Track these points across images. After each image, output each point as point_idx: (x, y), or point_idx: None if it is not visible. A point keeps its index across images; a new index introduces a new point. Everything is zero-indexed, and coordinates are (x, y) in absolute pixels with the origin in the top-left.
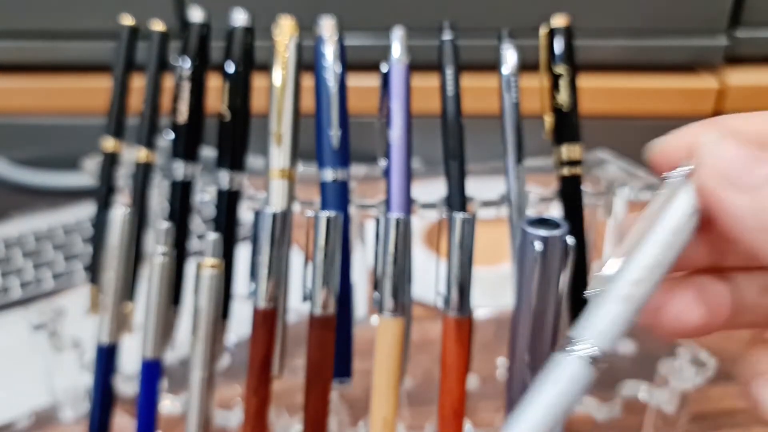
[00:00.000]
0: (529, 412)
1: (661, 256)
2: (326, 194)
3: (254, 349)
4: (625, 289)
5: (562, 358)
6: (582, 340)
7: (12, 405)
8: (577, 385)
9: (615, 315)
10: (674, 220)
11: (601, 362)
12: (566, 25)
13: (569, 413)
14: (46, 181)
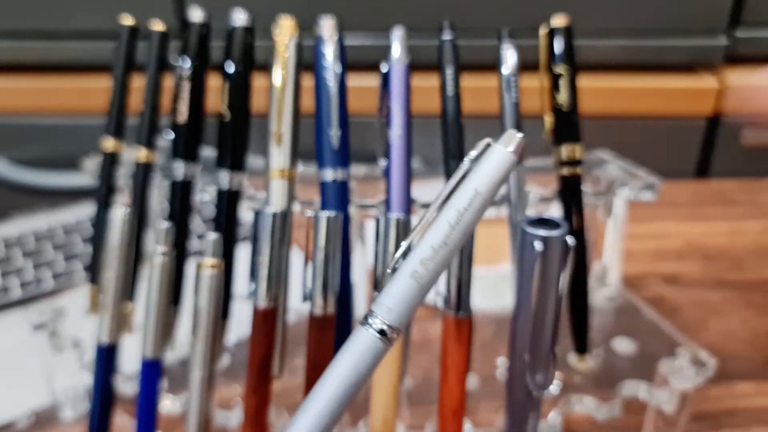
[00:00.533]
0: (326, 381)
1: (449, 236)
2: (326, 194)
3: (254, 349)
4: (414, 267)
5: (358, 332)
6: (374, 315)
7: (12, 405)
8: (369, 356)
9: (404, 291)
10: (463, 199)
11: (391, 336)
12: (566, 25)
13: (363, 382)
14: (47, 181)
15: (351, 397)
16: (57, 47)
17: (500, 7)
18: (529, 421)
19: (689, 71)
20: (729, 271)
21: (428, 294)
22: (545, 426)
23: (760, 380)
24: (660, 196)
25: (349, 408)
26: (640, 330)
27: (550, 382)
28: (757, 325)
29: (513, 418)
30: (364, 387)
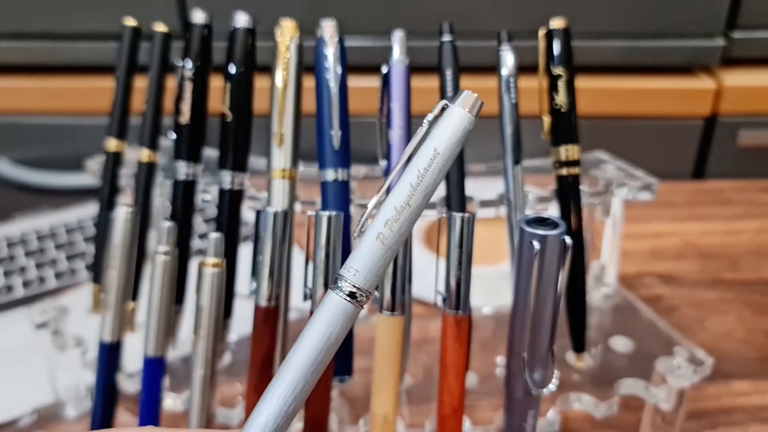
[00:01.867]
0: (299, 347)
1: (411, 197)
2: (327, 194)
3: (256, 348)
4: (379, 229)
5: (328, 296)
6: (343, 279)
7: (15, 402)
8: (340, 320)
9: (371, 253)
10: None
11: (360, 298)
12: (564, 27)
13: (336, 346)
14: (49, 181)
15: (324, 362)
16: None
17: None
18: (527, 419)
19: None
20: (726, 271)
21: (394, 256)
22: (544, 424)
23: (756, 379)
24: (657, 196)
25: (350, 406)
26: (637, 329)
27: (548, 380)
28: (754, 324)
29: (512, 416)
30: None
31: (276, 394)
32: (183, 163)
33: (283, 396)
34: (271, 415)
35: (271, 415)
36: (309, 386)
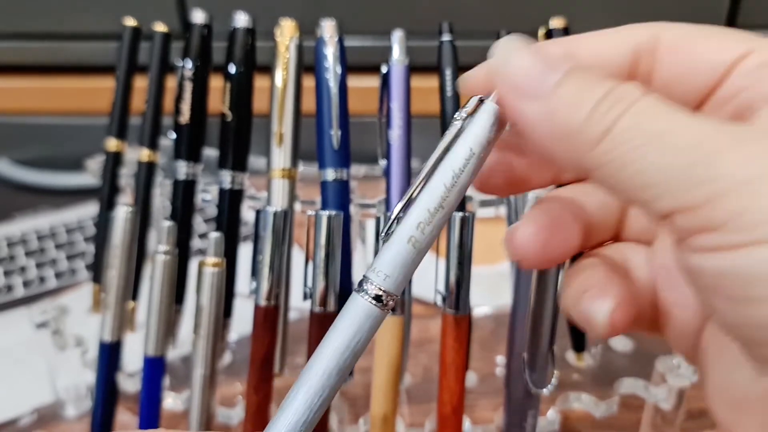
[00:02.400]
0: (324, 349)
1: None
2: (327, 193)
3: (255, 347)
4: (410, 232)
5: (352, 299)
6: (369, 281)
7: (15, 402)
8: (366, 324)
9: (401, 257)
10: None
11: (387, 302)
12: (564, 26)
13: (361, 351)
14: (50, 181)
15: (349, 366)
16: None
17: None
18: (527, 418)
19: None
20: None
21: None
22: (544, 423)
23: None
24: None
25: (350, 405)
26: None
27: (548, 379)
28: None
29: (512, 416)
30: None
31: (300, 399)
32: (183, 163)
33: (308, 401)
34: (296, 421)
35: (296, 421)
36: (333, 392)
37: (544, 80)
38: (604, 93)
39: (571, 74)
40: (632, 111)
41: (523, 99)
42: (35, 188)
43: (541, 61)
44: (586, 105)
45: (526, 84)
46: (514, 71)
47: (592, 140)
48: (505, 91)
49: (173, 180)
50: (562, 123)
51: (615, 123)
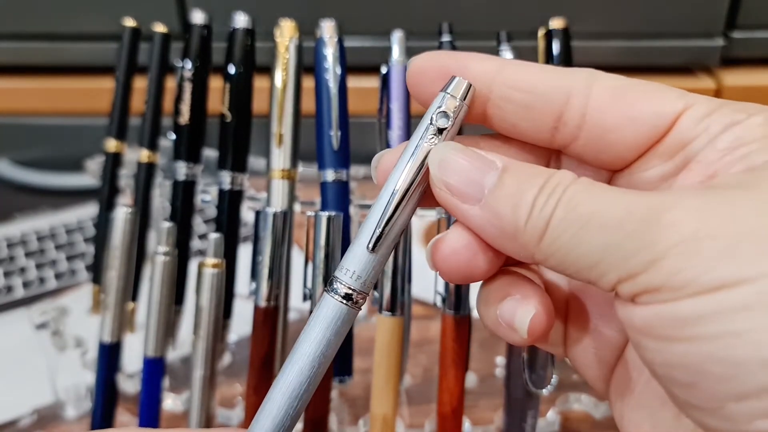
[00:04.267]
0: (298, 351)
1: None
2: (326, 194)
3: (255, 348)
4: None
5: (323, 298)
6: (338, 281)
7: (15, 403)
8: (336, 324)
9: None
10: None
11: (357, 300)
12: (564, 27)
13: (334, 351)
14: (49, 182)
15: (324, 366)
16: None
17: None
18: (527, 419)
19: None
20: None
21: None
22: (544, 424)
23: None
24: None
25: (350, 406)
26: None
27: (548, 380)
28: None
29: (511, 417)
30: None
31: (276, 400)
32: (182, 164)
33: (284, 402)
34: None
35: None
36: (309, 392)
37: (481, 184)
38: (538, 188)
39: (505, 174)
40: (564, 200)
41: (465, 204)
42: (35, 189)
43: (475, 164)
44: (525, 205)
45: (465, 190)
46: (451, 179)
47: (535, 237)
48: (446, 198)
49: (173, 181)
50: (506, 225)
51: (552, 215)
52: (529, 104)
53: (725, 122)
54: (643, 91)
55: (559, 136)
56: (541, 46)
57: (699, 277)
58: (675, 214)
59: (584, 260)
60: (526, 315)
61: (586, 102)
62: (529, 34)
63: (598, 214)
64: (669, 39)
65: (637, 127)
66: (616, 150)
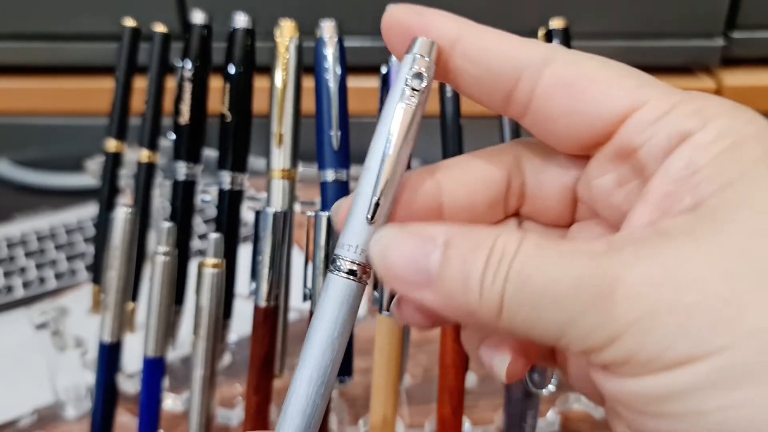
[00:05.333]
0: (313, 332)
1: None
2: (326, 194)
3: (255, 348)
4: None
5: (328, 279)
6: (340, 258)
7: (15, 403)
8: (345, 301)
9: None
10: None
11: (360, 274)
12: (564, 27)
13: (349, 329)
14: (49, 182)
15: (342, 347)
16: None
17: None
18: (527, 419)
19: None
20: None
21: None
22: (543, 424)
23: None
24: None
25: (350, 406)
26: None
27: (547, 380)
28: None
29: (511, 416)
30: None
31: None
32: (182, 164)
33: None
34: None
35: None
36: (333, 377)
37: (427, 268)
38: (484, 262)
39: (448, 250)
40: (513, 274)
41: (417, 291)
42: (35, 189)
43: (416, 247)
44: (474, 283)
45: (413, 278)
46: (396, 270)
47: (493, 314)
48: (397, 287)
49: (173, 181)
50: (460, 305)
51: (503, 292)
52: (480, 79)
53: (674, 132)
54: (595, 82)
55: (509, 111)
56: None
57: (659, 355)
58: (628, 288)
59: (547, 334)
60: (502, 363)
61: (535, 85)
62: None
63: (551, 288)
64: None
65: (577, 125)
66: (559, 139)
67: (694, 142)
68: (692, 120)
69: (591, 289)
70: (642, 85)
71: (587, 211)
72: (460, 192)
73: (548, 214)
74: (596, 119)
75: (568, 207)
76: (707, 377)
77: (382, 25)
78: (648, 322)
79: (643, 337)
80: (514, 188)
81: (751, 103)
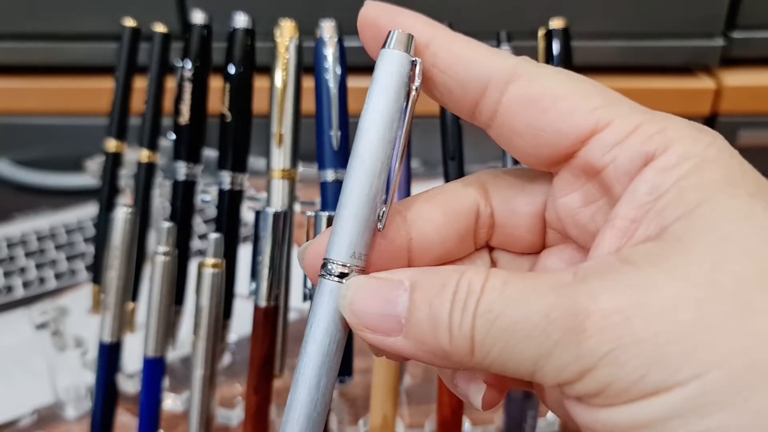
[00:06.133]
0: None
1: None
2: (326, 194)
3: (255, 348)
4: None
5: (320, 285)
6: (330, 261)
7: (15, 403)
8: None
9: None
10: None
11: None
12: (564, 27)
13: (345, 334)
14: (49, 182)
15: (339, 351)
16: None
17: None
18: (527, 419)
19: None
20: None
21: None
22: (543, 424)
23: None
24: None
25: (350, 406)
26: None
27: None
28: None
29: (511, 416)
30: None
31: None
32: (182, 164)
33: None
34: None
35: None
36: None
37: (396, 315)
38: (450, 303)
39: (414, 294)
40: (480, 313)
41: (389, 338)
42: (35, 189)
43: (383, 294)
44: (442, 326)
45: (384, 326)
46: (367, 321)
47: (465, 354)
48: (370, 339)
49: (173, 181)
50: (433, 349)
51: (473, 332)
52: (449, 87)
53: (636, 154)
54: (559, 99)
55: (476, 120)
56: (541, 46)
57: (632, 386)
58: (598, 320)
59: (521, 369)
60: (477, 393)
61: (500, 99)
62: (529, 34)
63: (521, 324)
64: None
65: (540, 141)
66: (523, 153)
67: (657, 166)
68: (655, 142)
69: (561, 323)
70: (607, 104)
71: (556, 237)
72: (429, 227)
73: (518, 243)
74: (559, 138)
75: (537, 234)
76: (679, 406)
77: (358, 22)
78: (620, 353)
79: (616, 369)
80: (483, 219)
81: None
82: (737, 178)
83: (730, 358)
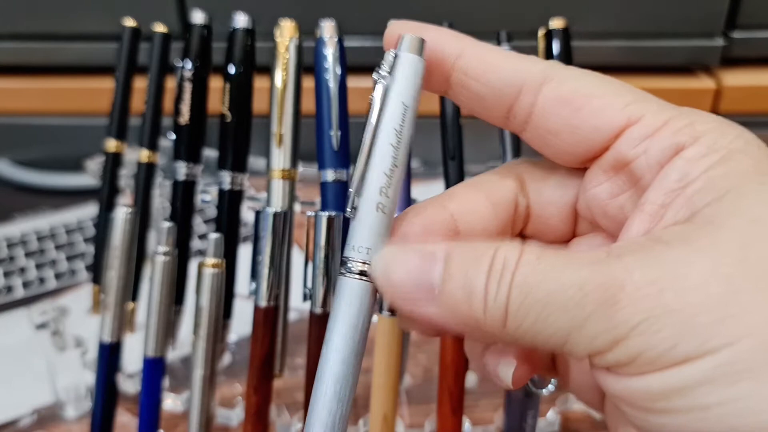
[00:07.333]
0: (332, 336)
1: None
2: (326, 194)
3: (255, 348)
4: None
5: (342, 282)
6: (350, 259)
7: (15, 403)
8: (359, 303)
9: (375, 225)
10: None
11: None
12: (564, 27)
13: (366, 331)
14: (49, 182)
15: (362, 348)
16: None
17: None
18: (527, 419)
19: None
20: None
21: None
22: (543, 424)
23: None
24: None
25: None
26: None
27: (548, 380)
28: None
29: (511, 416)
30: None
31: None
32: (182, 164)
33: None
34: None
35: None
36: (356, 379)
37: (429, 283)
38: (486, 274)
39: (449, 264)
40: (516, 284)
41: (421, 306)
42: (35, 189)
43: (417, 264)
44: (477, 295)
45: (417, 295)
46: (400, 288)
47: (498, 324)
48: (401, 305)
49: (173, 181)
50: (466, 318)
51: (508, 302)
52: (482, 94)
53: (666, 146)
54: (592, 98)
55: (509, 125)
56: (541, 46)
57: (663, 355)
58: (631, 292)
59: (552, 340)
60: (508, 369)
61: (534, 101)
62: (529, 34)
63: (555, 295)
64: (669, 39)
65: (575, 138)
66: (558, 152)
67: (687, 156)
68: (684, 134)
69: (595, 294)
70: (637, 101)
71: (587, 226)
72: (475, 221)
73: (551, 233)
74: (593, 134)
75: (569, 224)
76: (710, 373)
77: (384, 40)
78: (653, 323)
79: (648, 338)
80: (521, 210)
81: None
82: (765, 167)
83: (760, 329)
